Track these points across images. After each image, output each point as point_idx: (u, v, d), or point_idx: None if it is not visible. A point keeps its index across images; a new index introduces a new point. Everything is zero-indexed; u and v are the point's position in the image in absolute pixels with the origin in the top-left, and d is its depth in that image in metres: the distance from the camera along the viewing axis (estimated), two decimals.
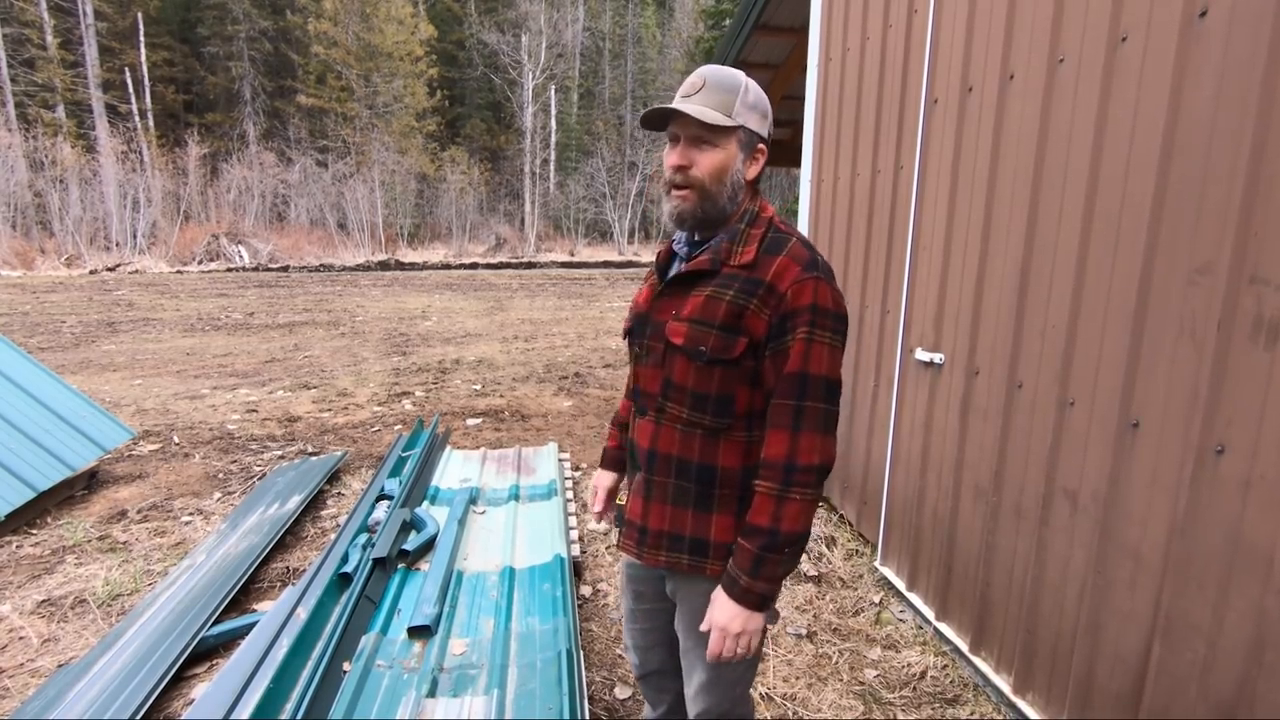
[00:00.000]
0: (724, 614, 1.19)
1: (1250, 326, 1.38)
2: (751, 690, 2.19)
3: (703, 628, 1.24)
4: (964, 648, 2.34)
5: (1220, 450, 1.44)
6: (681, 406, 1.26)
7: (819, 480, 1.18)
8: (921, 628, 2.61)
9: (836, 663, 2.40)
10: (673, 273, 1.32)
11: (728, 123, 1.17)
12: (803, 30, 4.40)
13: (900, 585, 2.80)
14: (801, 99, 3.91)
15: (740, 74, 1.21)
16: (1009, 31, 2.10)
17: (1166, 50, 1.56)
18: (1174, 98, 1.55)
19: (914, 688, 2.28)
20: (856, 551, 3.24)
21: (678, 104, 1.18)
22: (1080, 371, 1.83)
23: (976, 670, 2.27)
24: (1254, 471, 1.37)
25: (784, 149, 7.23)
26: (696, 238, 1.30)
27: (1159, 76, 1.58)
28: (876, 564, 3.02)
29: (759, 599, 1.18)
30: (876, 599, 2.83)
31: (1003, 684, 2.13)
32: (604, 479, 1.61)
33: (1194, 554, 1.50)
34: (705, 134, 1.18)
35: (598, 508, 1.58)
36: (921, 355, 2.60)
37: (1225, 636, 1.43)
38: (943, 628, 2.48)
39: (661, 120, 1.22)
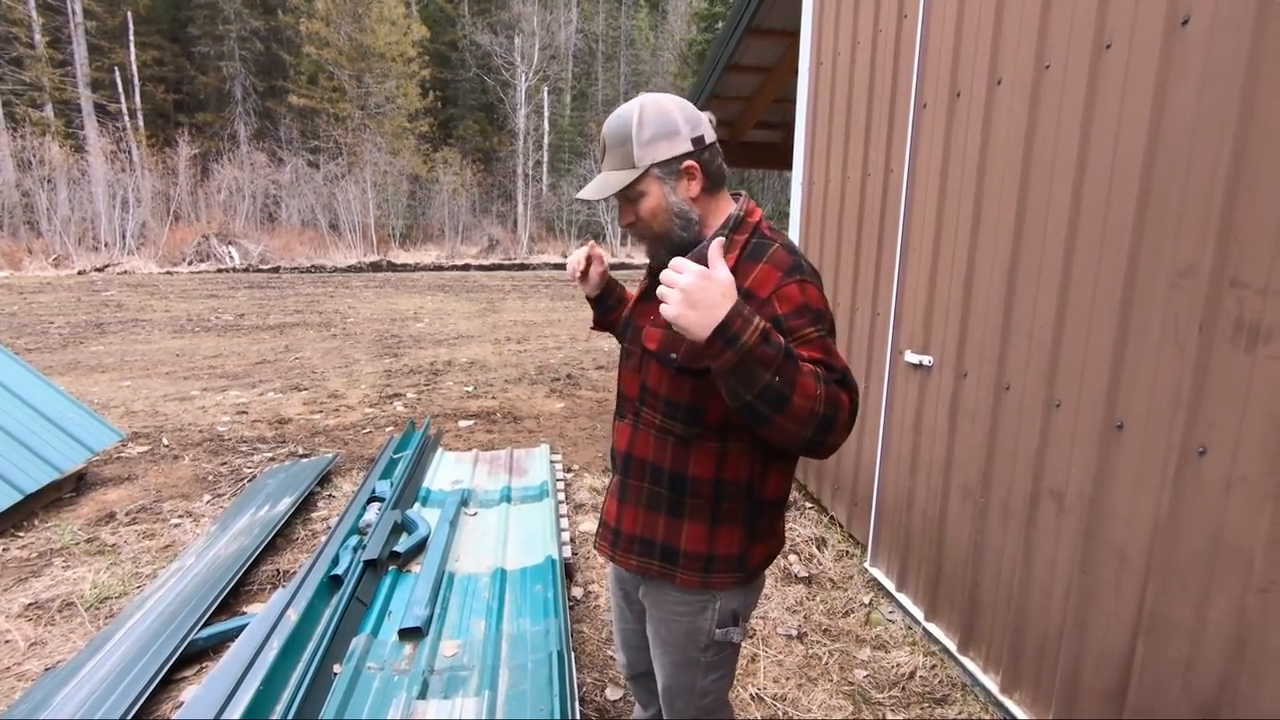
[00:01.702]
0: (709, 296, 0.95)
1: (1231, 329, 1.40)
2: (731, 695, 2.20)
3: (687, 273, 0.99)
4: (952, 648, 2.35)
5: (1202, 451, 1.46)
6: (655, 412, 1.25)
7: (840, 418, 1.03)
8: (911, 628, 2.63)
9: (826, 663, 2.42)
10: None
11: (633, 176, 1.17)
12: (794, 33, 4.42)
13: (890, 586, 2.82)
14: (793, 101, 3.93)
15: (631, 113, 1.17)
16: (996, 37, 2.13)
17: (1150, 57, 1.59)
18: (1157, 103, 1.57)
19: (903, 688, 2.29)
20: (847, 553, 3.25)
21: (581, 193, 1.22)
22: (1066, 373, 1.85)
23: (965, 670, 2.28)
24: (1235, 472, 1.39)
25: (776, 151, 7.27)
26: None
27: (1142, 82, 1.61)
28: (866, 565, 3.04)
29: (728, 334, 0.94)
30: (866, 599, 2.84)
31: (990, 684, 2.15)
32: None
33: (1177, 553, 1.52)
34: (624, 193, 1.20)
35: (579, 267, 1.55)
36: (911, 357, 2.61)
37: (1208, 635, 1.45)
38: (932, 628, 2.49)
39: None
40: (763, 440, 1.14)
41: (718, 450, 1.22)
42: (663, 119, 1.17)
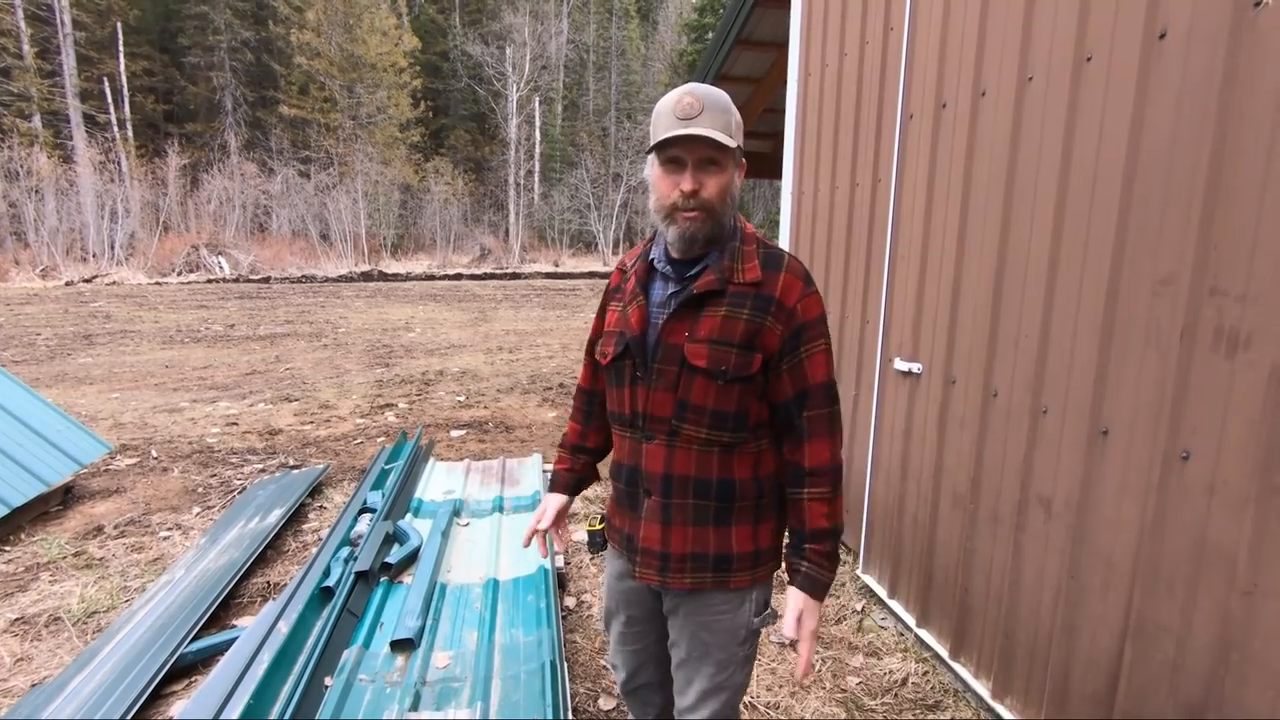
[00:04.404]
0: (813, 618, 1.29)
1: (1211, 336, 1.42)
2: None
3: (792, 635, 1.29)
4: (944, 654, 2.36)
5: (1186, 456, 1.48)
6: (700, 427, 1.25)
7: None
8: (903, 634, 2.64)
9: (819, 671, 2.42)
10: (664, 292, 1.29)
11: (732, 144, 1.19)
12: (783, 45, 4.48)
13: (882, 592, 2.83)
14: (782, 112, 3.97)
15: (717, 93, 1.21)
16: (980, 49, 2.16)
17: (1129, 69, 1.62)
18: (1137, 114, 1.60)
19: (895, 694, 2.30)
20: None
21: (696, 128, 1.14)
22: (1052, 380, 1.87)
23: (956, 676, 2.29)
24: (1217, 476, 1.41)
25: (766, 161, 7.32)
26: (676, 255, 1.29)
27: (1122, 94, 1.64)
28: (858, 571, 3.05)
29: (827, 590, 1.31)
30: (858, 606, 2.85)
31: (982, 689, 2.16)
32: (554, 500, 1.55)
33: (1162, 558, 1.54)
34: (715, 155, 1.18)
35: (544, 524, 1.51)
36: (900, 364, 2.64)
37: (1193, 638, 1.47)
38: (923, 634, 2.51)
39: (669, 141, 1.18)
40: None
41: (755, 450, 1.31)
42: (739, 115, 1.25)
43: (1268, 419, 1.32)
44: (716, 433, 1.26)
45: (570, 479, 1.58)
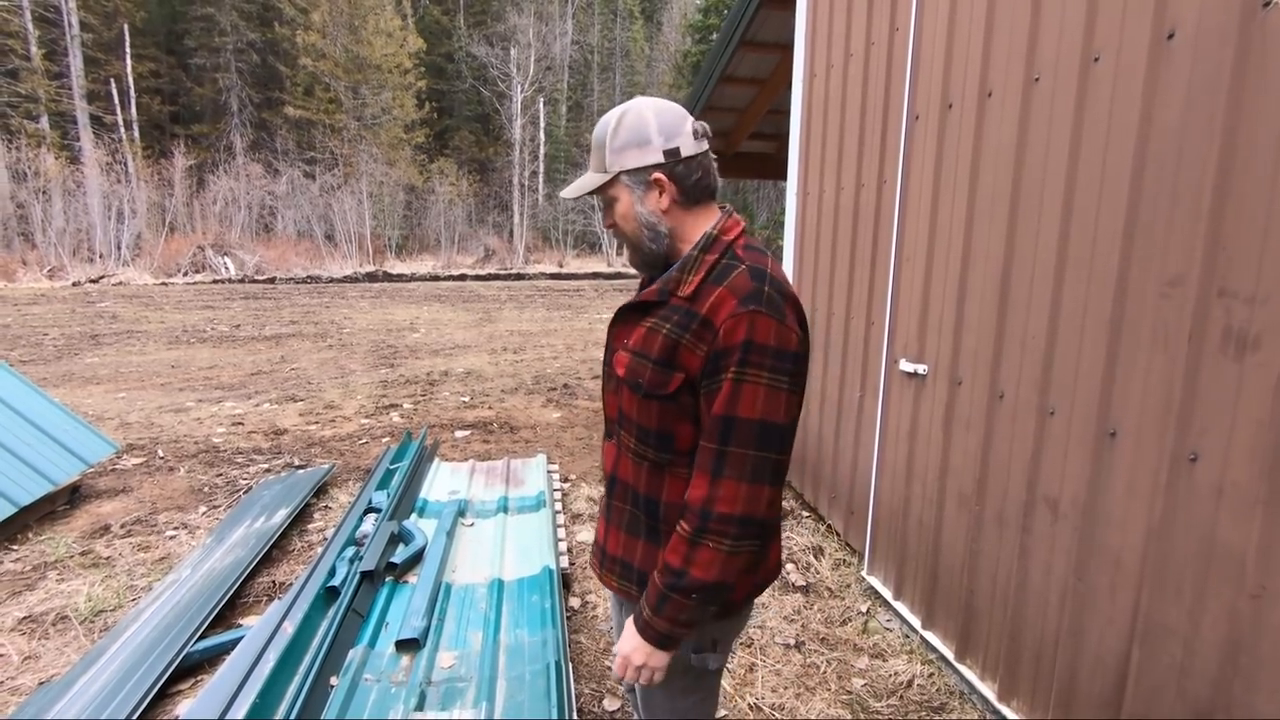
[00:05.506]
0: (627, 642, 1.19)
1: (1220, 338, 1.42)
2: (729, 705, 2.20)
3: (614, 649, 1.24)
4: (950, 655, 2.36)
5: (1194, 458, 1.48)
6: (630, 437, 1.24)
7: (741, 533, 1.07)
8: (908, 636, 2.63)
9: (824, 672, 2.42)
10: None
11: (602, 180, 1.18)
12: (788, 46, 4.47)
13: (887, 594, 2.82)
14: (787, 113, 3.97)
15: (611, 118, 1.17)
16: (987, 50, 2.16)
17: (1136, 70, 1.61)
18: (1144, 115, 1.60)
19: (901, 696, 2.30)
20: (844, 561, 3.26)
21: (563, 191, 1.24)
22: (1059, 381, 1.87)
23: (962, 678, 2.29)
24: (1226, 478, 1.41)
25: (770, 162, 7.32)
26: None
27: (1130, 95, 1.63)
28: (863, 573, 3.04)
29: (658, 636, 1.14)
30: (864, 608, 2.85)
31: (988, 691, 2.15)
32: None
33: (1170, 559, 1.53)
34: (601, 194, 1.21)
35: None
36: (906, 366, 2.63)
37: (1201, 640, 1.46)
38: (929, 636, 2.50)
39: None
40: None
41: (688, 476, 1.17)
42: (636, 128, 1.15)
43: (1277, 421, 1.31)
44: (642, 446, 1.21)
45: None
